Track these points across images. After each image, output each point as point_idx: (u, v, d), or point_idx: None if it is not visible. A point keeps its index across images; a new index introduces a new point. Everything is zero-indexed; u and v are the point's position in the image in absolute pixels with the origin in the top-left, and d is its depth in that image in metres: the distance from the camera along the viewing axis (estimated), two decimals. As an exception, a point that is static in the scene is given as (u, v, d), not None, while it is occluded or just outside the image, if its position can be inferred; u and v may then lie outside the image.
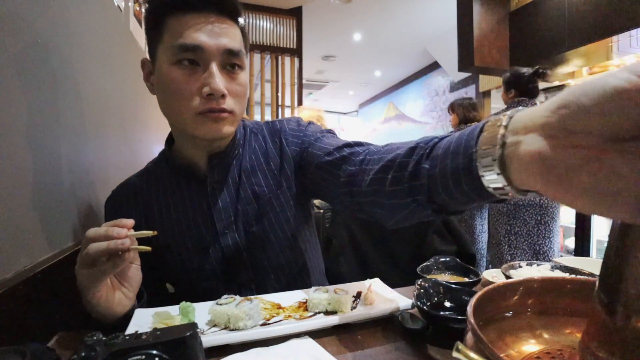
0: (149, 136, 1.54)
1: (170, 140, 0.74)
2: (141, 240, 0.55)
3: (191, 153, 0.70)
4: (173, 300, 0.61)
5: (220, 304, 0.56)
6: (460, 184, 0.39)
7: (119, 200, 0.75)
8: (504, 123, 0.32)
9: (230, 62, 0.62)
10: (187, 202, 0.71)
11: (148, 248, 0.55)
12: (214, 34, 0.59)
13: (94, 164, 0.86)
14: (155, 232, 0.55)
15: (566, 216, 2.86)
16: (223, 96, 0.61)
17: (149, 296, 0.67)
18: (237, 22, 0.64)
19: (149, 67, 0.66)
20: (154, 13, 0.61)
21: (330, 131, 0.75)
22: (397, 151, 0.51)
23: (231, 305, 0.55)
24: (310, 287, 0.76)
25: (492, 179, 0.34)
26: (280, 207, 0.73)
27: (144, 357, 0.35)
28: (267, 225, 0.72)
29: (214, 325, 0.55)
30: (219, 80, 0.59)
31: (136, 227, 0.70)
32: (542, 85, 3.88)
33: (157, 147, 1.67)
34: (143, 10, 1.52)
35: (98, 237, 0.52)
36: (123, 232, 0.52)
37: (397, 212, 0.52)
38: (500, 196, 0.35)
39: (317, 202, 1.23)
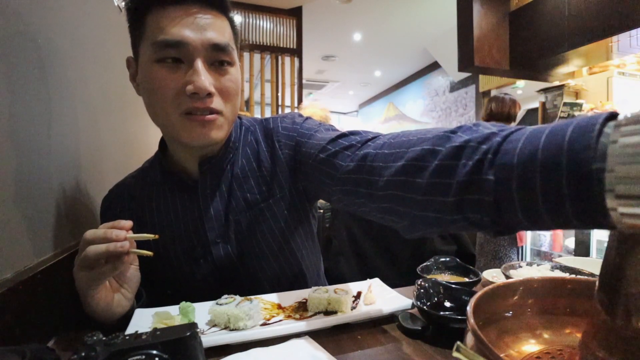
0: (150, 135, 1.54)
1: (163, 144, 0.71)
2: (141, 244, 0.55)
3: (182, 158, 0.67)
4: (173, 301, 0.61)
5: (220, 304, 0.56)
6: (560, 209, 0.28)
7: (114, 201, 0.73)
8: None
9: (218, 58, 0.57)
10: (179, 209, 0.68)
11: (149, 253, 0.54)
12: (198, 28, 0.54)
13: (94, 164, 0.86)
14: (157, 236, 0.53)
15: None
16: (210, 95, 0.56)
17: (148, 296, 0.67)
18: (225, 14, 0.59)
19: (134, 66, 0.61)
20: (135, 8, 0.57)
21: (329, 127, 0.67)
22: (424, 146, 0.41)
23: (231, 305, 0.55)
24: (310, 281, 0.77)
25: (635, 213, 0.23)
26: (273, 217, 0.69)
27: (144, 357, 0.35)
28: (259, 236, 0.69)
29: (214, 325, 0.55)
30: (205, 78, 0.54)
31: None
32: (541, 85, 3.89)
33: (157, 145, 1.66)
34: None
35: (96, 239, 0.51)
36: (122, 235, 0.51)
37: (428, 226, 0.41)
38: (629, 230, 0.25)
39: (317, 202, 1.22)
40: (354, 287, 0.68)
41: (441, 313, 0.55)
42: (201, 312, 0.58)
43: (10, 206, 0.51)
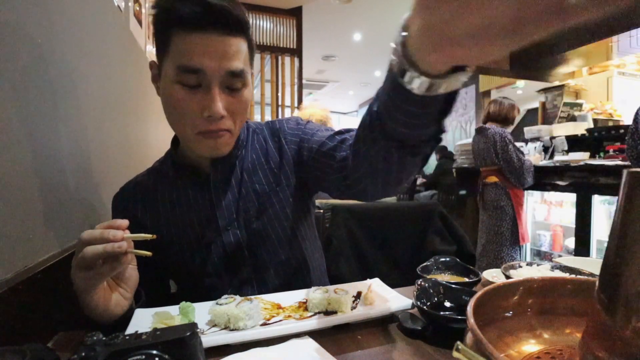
0: (150, 135, 1.54)
1: (175, 140, 0.76)
2: (141, 244, 0.55)
3: (194, 155, 0.72)
4: (173, 300, 0.61)
5: (220, 304, 0.56)
6: (395, 102, 0.42)
7: (126, 197, 0.76)
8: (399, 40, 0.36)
9: (233, 84, 0.62)
10: (191, 200, 0.74)
11: (148, 253, 0.54)
12: (217, 56, 0.59)
13: (93, 164, 0.86)
14: (154, 236, 0.54)
15: (566, 216, 2.86)
16: (222, 116, 0.62)
17: (149, 295, 0.67)
18: (243, 36, 0.63)
19: (156, 70, 0.66)
20: (160, 26, 0.61)
21: (328, 128, 0.76)
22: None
23: (231, 305, 0.55)
24: (309, 283, 0.79)
25: (410, 77, 0.36)
26: (279, 203, 0.75)
27: (144, 357, 0.35)
28: (266, 221, 0.74)
29: (214, 325, 0.55)
30: (219, 104, 0.60)
31: (142, 224, 0.72)
32: (541, 85, 3.90)
33: (157, 145, 1.67)
34: (144, 10, 1.52)
35: (93, 239, 0.51)
36: (119, 235, 0.51)
37: (378, 171, 0.55)
38: (427, 92, 0.37)
39: (317, 202, 1.22)
40: (354, 287, 0.68)
41: (441, 313, 0.55)
42: (201, 312, 0.58)
43: (10, 206, 0.51)
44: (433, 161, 6.06)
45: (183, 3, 0.57)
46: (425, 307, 0.56)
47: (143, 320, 0.55)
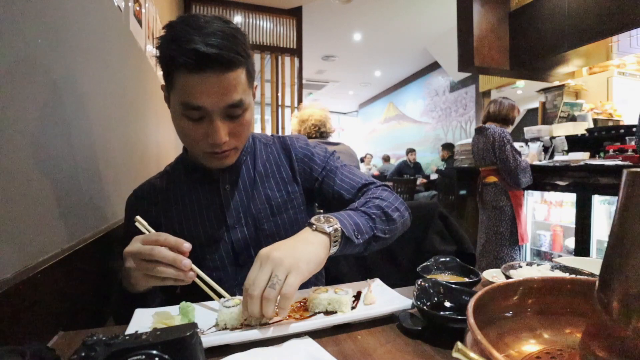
0: (150, 135, 1.54)
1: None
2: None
3: (203, 162, 0.77)
4: (175, 300, 0.61)
5: (228, 307, 0.56)
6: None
7: (140, 197, 0.81)
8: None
9: (233, 113, 0.68)
10: (201, 200, 0.80)
11: (219, 296, 0.63)
12: (216, 94, 0.64)
13: (94, 164, 0.86)
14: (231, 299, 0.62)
15: (566, 216, 2.86)
16: (225, 142, 0.68)
17: (162, 289, 0.73)
18: (242, 66, 0.66)
19: (166, 93, 0.72)
20: (163, 64, 0.66)
21: (334, 153, 0.88)
22: None
23: (239, 307, 0.55)
24: (309, 281, 0.80)
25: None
26: (292, 209, 0.83)
27: (144, 357, 0.35)
28: (280, 223, 0.81)
29: (214, 325, 0.55)
30: (221, 132, 0.67)
31: (156, 222, 0.77)
32: (541, 85, 3.89)
33: (157, 145, 1.67)
34: (144, 10, 1.52)
35: (164, 259, 0.57)
36: (189, 265, 0.59)
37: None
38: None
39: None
40: (354, 287, 0.68)
41: (441, 313, 0.55)
42: (201, 312, 0.58)
43: (10, 206, 0.51)
44: (438, 160, 6.05)
45: (179, 52, 0.60)
46: (425, 307, 0.56)
47: (143, 320, 0.55)
